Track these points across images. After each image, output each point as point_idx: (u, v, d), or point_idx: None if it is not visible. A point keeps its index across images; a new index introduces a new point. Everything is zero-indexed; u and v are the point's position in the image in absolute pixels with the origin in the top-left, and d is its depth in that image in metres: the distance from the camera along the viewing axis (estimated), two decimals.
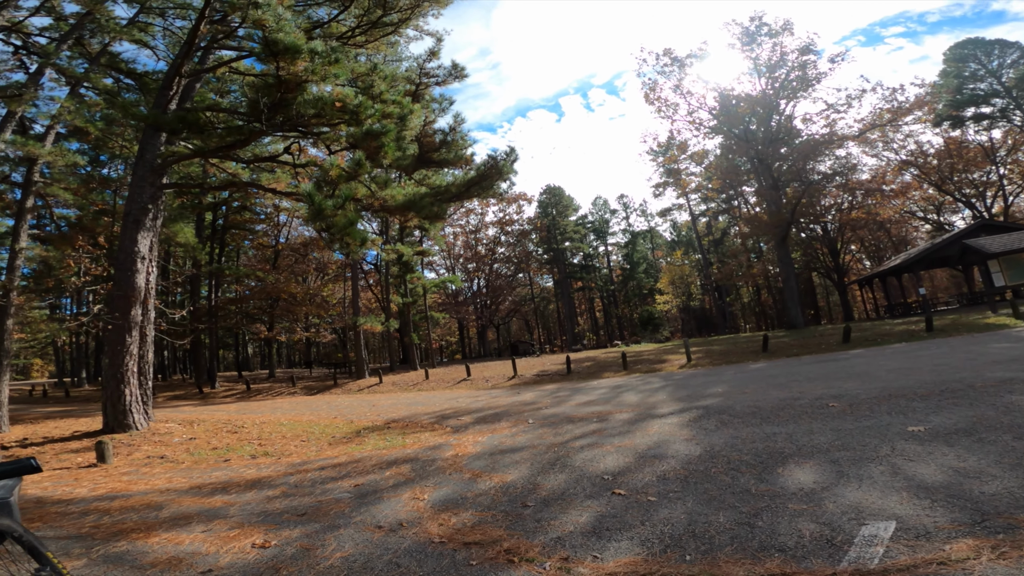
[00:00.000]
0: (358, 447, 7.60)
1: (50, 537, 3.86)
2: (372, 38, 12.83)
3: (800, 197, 31.01)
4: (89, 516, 4.47)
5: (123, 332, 10.16)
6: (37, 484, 6.02)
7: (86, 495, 5.35)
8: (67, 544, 3.69)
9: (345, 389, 22.68)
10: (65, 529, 4.07)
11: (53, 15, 12.32)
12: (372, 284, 39.17)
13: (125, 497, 5.13)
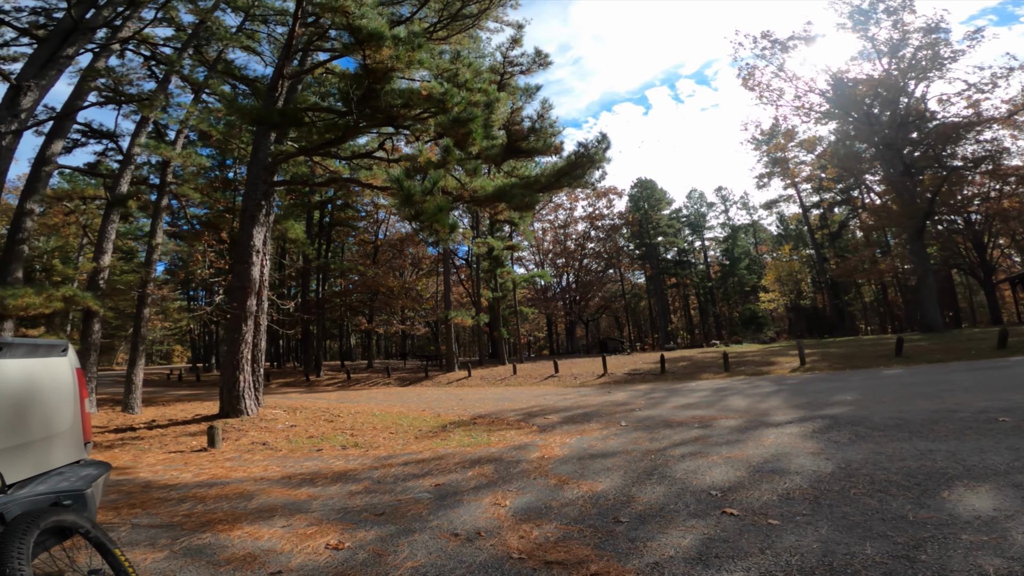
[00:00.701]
0: (443, 443, 7.44)
1: (143, 525, 3.96)
2: (453, 31, 12.79)
3: (940, 185, 26.93)
4: (185, 504, 4.59)
5: (239, 321, 10.83)
6: (151, 468, 6.43)
7: (189, 480, 5.59)
8: (156, 534, 3.75)
9: (435, 381, 23.21)
10: (159, 517, 4.19)
11: (173, 25, 13.70)
12: (464, 279, 39.97)
13: (223, 484, 5.29)
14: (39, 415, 2.54)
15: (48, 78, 8.80)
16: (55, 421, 2.65)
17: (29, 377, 2.51)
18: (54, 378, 2.71)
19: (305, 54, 12.60)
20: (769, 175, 40.84)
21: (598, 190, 49.67)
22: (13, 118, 8.38)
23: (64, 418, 2.73)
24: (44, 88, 8.84)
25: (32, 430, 2.47)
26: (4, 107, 8.37)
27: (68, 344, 2.91)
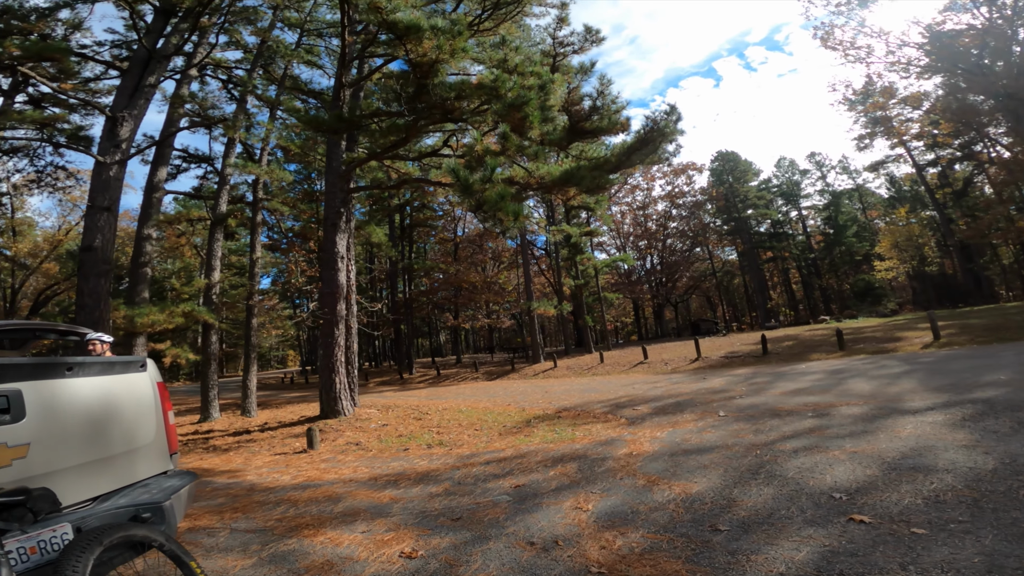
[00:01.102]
0: (526, 439, 7.19)
1: (240, 530, 4.05)
2: (498, 21, 12.43)
3: None
4: (279, 507, 4.68)
5: (331, 326, 11.28)
6: (257, 471, 6.75)
7: (287, 483, 5.76)
8: (249, 539, 3.80)
9: (521, 374, 23.16)
10: (256, 521, 4.28)
11: (240, 48, 14.67)
12: (544, 269, 39.71)
13: (315, 487, 5.38)
14: (119, 430, 2.58)
15: (139, 107, 9.65)
16: (137, 435, 2.70)
17: (106, 394, 2.55)
18: (134, 393, 2.75)
19: (361, 62, 12.88)
20: (870, 135, 36.75)
21: (675, 167, 47.20)
22: (115, 148, 9.27)
23: (146, 431, 2.77)
24: (137, 118, 9.70)
25: (113, 444, 2.51)
26: (105, 139, 9.28)
27: (147, 359, 2.98)
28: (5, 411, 2.05)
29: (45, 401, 2.22)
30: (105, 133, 9.42)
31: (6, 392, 2.08)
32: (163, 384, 3.04)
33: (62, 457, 2.23)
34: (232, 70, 15.50)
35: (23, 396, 2.12)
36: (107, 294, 11.00)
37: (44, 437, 2.16)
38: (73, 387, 2.38)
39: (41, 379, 2.24)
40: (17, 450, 2.03)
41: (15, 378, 2.14)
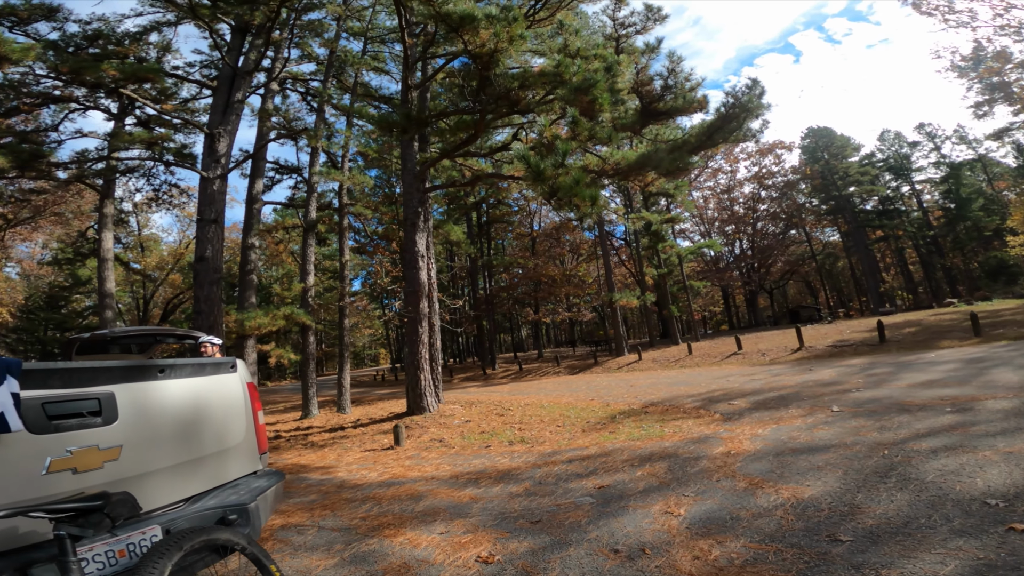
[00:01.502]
0: (610, 436, 6.83)
1: (327, 528, 4.10)
2: (552, 10, 11.99)
3: None
4: (364, 505, 4.72)
5: (415, 323, 11.54)
6: (347, 467, 6.94)
7: (374, 480, 5.84)
8: (334, 538, 3.83)
9: (604, 367, 22.56)
10: (342, 519, 4.33)
11: (313, 60, 15.47)
12: (624, 260, 38.55)
13: (399, 484, 5.42)
14: (210, 431, 2.60)
15: (231, 123, 10.40)
16: (227, 435, 2.72)
17: (197, 395, 2.58)
18: (224, 394, 2.77)
19: (424, 64, 13.02)
20: (989, 103, 32.17)
21: (760, 147, 43.92)
22: (215, 163, 10.06)
23: (236, 432, 2.79)
24: (231, 133, 10.46)
25: (203, 446, 2.54)
26: (206, 155, 10.10)
27: (237, 360, 3.00)
28: (97, 413, 2.06)
29: (138, 403, 2.24)
30: (205, 149, 10.25)
31: (98, 395, 2.09)
32: (253, 384, 3.05)
33: (154, 459, 2.24)
34: (308, 82, 16.47)
35: (116, 399, 2.14)
36: (219, 300, 12.00)
37: (136, 439, 2.17)
38: (165, 389, 2.41)
39: (134, 381, 2.27)
40: (109, 452, 2.04)
41: (108, 381, 2.16)
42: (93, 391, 2.07)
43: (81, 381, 2.05)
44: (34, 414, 1.84)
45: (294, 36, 14.53)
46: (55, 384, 1.96)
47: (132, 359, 4.10)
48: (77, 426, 1.96)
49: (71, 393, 1.99)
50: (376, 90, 16.01)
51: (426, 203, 12.89)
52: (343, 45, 15.69)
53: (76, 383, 2.03)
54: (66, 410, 1.95)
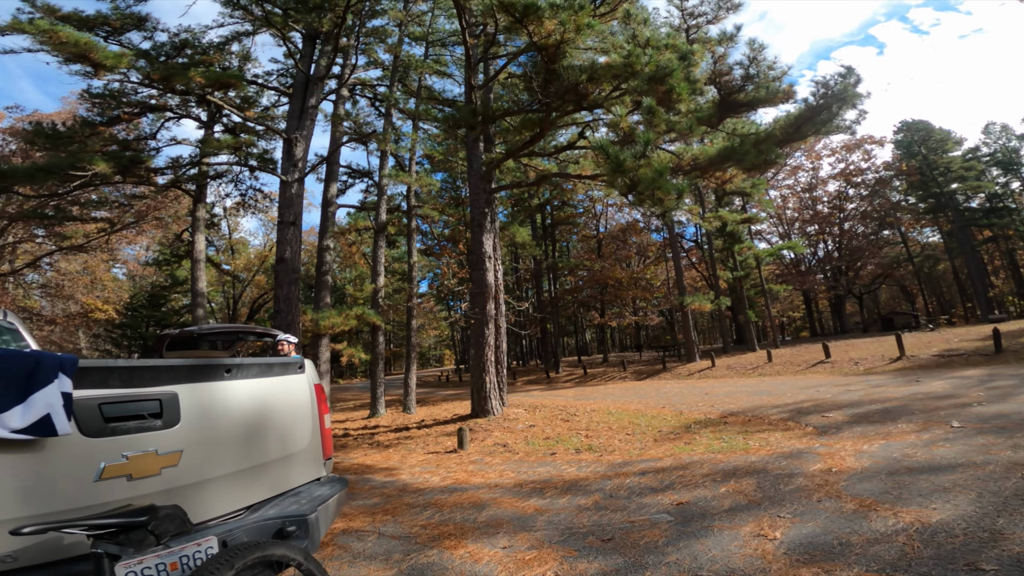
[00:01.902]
0: (687, 447, 6.33)
1: (387, 535, 3.97)
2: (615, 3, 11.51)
3: None
4: (425, 512, 4.58)
5: (482, 325, 11.46)
6: (410, 469, 6.87)
7: (436, 485, 5.70)
8: (393, 547, 3.69)
9: (674, 373, 21.56)
10: (402, 526, 4.19)
11: (380, 66, 15.93)
12: (695, 262, 36.94)
13: (461, 491, 5.24)
14: (275, 435, 2.46)
15: (306, 128, 10.80)
16: (292, 440, 2.57)
17: (263, 396, 2.45)
18: (291, 396, 2.63)
19: (486, 65, 12.96)
20: None
21: (847, 142, 40.53)
22: (293, 167, 10.47)
23: (302, 436, 2.64)
24: (307, 138, 10.87)
25: (267, 451, 2.40)
26: (285, 159, 10.54)
27: (304, 360, 2.87)
28: (157, 415, 1.93)
29: (201, 405, 2.11)
30: (284, 154, 10.72)
31: (159, 396, 1.96)
32: (321, 386, 2.90)
33: (215, 465, 2.11)
34: (375, 88, 17.03)
35: (179, 400, 2.01)
36: (297, 300, 12.52)
37: (198, 444, 2.04)
38: (230, 390, 2.28)
39: (199, 381, 2.14)
40: (168, 458, 1.91)
41: (172, 380, 2.03)
42: (155, 391, 1.95)
43: (143, 380, 1.92)
44: (89, 415, 1.73)
45: (360, 43, 15.03)
46: (114, 383, 1.84)
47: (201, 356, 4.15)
48: (135, 429, 1.84)
49: (131, 393, 1.87)
50: (439, 93, 16.31)
51: (492, 204, 12.82)
52: (406, 50, 16.09)
53: (137, 383, 1.90)
54: (125, 411, 1.83)
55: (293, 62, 11.55)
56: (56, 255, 22.90)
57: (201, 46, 12.23)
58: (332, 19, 9.96)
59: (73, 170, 8.18)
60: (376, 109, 16.96)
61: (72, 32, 6.73)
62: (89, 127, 9.76)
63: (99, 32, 9.25)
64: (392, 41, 16.24)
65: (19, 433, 1.50)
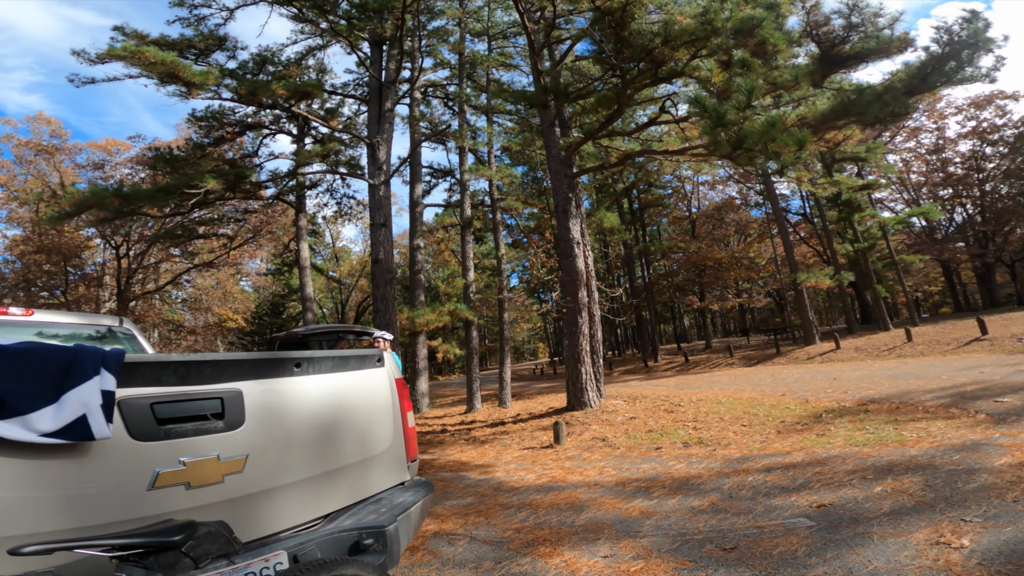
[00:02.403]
0: (821, 439, 5.46)
1: (479, 539, 3.70)
2: None
3: None
4: (520, 513, 4.25)
5: (574, 314, 11.05)
6: (505, 466, 6.59)
7: (531, 483, 5.37)
8: (484, 553, 3.41)
9: (790, 357, 19.55)
10: (495, 529, 3.90)
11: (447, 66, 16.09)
12: (806, 237, 33.56)
13: (558, 490, 4.86)
14: (352, 436, 2.23)
15: (386, 131, 11.02)
16: (372, 441, 2.34)
17: (339, 394, 2.24)
18: (369, 392, 2.41)
19: (550, 50, 12.44)
20: None
21: (975, 99, 34.57)
22: (378, 171, 10.72)
23: (383, 436, 2.41)
24: (388, 141, 11.09)
25: (344, 454, 2.17)
26: (370, 163, 10.82)
27: (384, 353, 2.62)
28: (219, 416, 1.73)
29: (269, 403, 1.90)
30: (368, 159, 11.03)
31: (222, 394, 1.76)
32: (402, 381, 2.66)
33: (284, 471, 1.89)
34: (446, 87, 17.33)
35: (243, 398, 1.81)
36: (393, 299, 12.90)
37: (265, 447, 1.84)
38: (301, 386, 2.06)
39: (266, 377, 1.94)
40: (232, 463, 1.71)
41: (235, 376, 1.82)
42: (216, 389, 1.75)
43: (202, 377, 1.73)
44: (140, 416, 1.54)
45: (423, 45, 15.37)
46: (169, 380, 1.66)
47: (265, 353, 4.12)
48: (193, 432, 1.65)
49: (188, 391, 1.68)
50: (508, 85, 16.12)
51: (575, 188, 12.34)
52: (469, 47, 16.06)
53: (196, 379, 1.71)
54: (181, 412, 1.64)
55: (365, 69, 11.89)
56: (192, 272, 25.87)
57: (280, 62, 13.06)
58: (393, 22, 10.05)
59: (188, 189, 8.96)
60: (449, 108, 17.18)
61: (157, 51, 7.31)
62: (199, 149, 10.73)
63: (188, 55, 10.07)
64: (454, 39, 16.32)
65: (50, 437, 1.32)
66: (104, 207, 8.67)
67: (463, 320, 16.10)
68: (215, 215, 17.39)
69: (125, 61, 7.60)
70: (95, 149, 22.88)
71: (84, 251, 23.31)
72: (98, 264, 23.93)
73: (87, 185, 19.25)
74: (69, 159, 22.44)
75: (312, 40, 14.75)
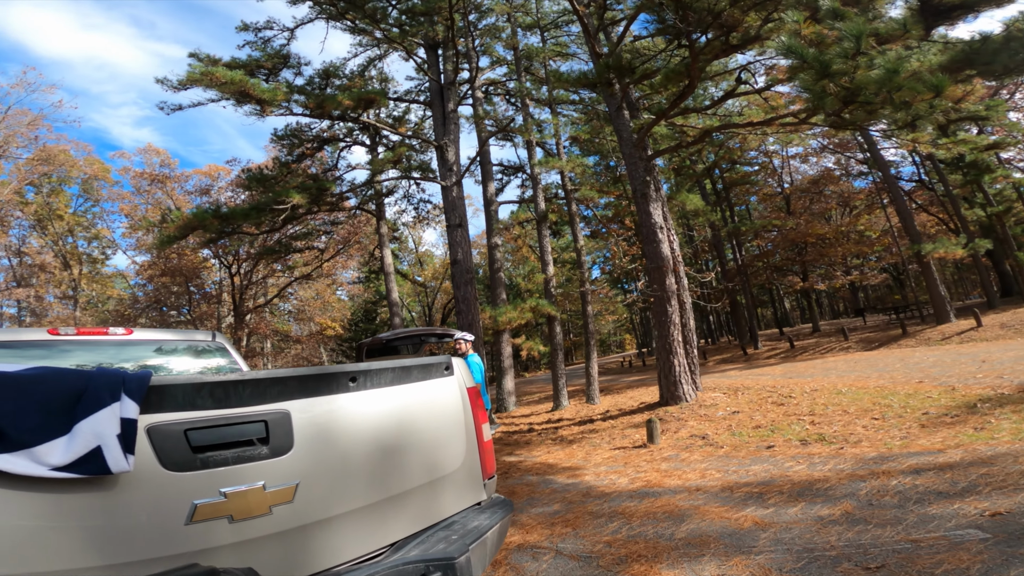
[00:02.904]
0: (981, 434, 4.55)
1: (565, 554, 3.36)
2: None
3: None
4: (612, 524, 3.86)
5: (663, 303, 10.43)
6: (595, 468, 6.20)
7: (623, 488, 4.94)
8: (570, 570, 3.08)
9: (920, 339, 17.19)
10: (584, 542, 3.55)
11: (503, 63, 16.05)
12: (924, 204, 29.64)
13: (654, 496, 4.42)
14: (419, 455, 2.02)
15: (452, 132, 11.01)
16: (442, 459, 2.12)
17: (401, 409, 2.02)
18: (437, 405, 2.18)
19: (606, 33, 11.80)
20: None
21: None
22: (449, 172, 10.75)
23: (454, 454, 2.18)
24: (455, 142, 11.08)
25: (410, 476, 1.96)
26: (440, 165, 10.87)
27: (452, 360, 2.36)
28: (264, 440, 1.57)
29: (321, 424, 1.73)
30: (438, 161, 11.10)
31: (266, 416, 1.60)
32: (475, 390, 2.42)
33: (342, 498, 1.71)
34: (505, 84, 17.18)
35: (291, 419, 1.65)
36: (475, 299, 12.93)
37: (318, 473, 1.67)
38: (358, 403, 1.88)
39: (317, 395, 1.76)
40: (280, 493, 1.55)
41: (281, 396, 1.65)
42: (259, 411, 1.59)
43: (242, 399, 1.58)
44: (172, 445, 1.40)
45: (477, 44, 15.44)
46: (205, 404, 1.51)
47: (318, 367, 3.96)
48: (234, 459, 1.49)
49: (226, 415, 1.53)
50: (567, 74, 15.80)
51: (652, 171, 11.64)
52: (522, 42, 15.93)
53: (235, 401, 1.57)
54: (220, 438, 1.50)
55: (424, 73, 12.02)
56: (294, 284, 27.91)
57: (344, 75, 13.73)
58: (443, 23, 9.99)
59: (276, 205, 9.51)
60: (512, 104, 17.19)
61: (225, 71, 7.76)
62: (285, 167, 11.39)
63: (258, 75, 10.71)
64: (506, 35, 16.21)
65: (62, 471, 1.20)
66: (207, 228, 9.42)
67: (545, 316, 15.82)
68: (306, 229, 18.55)
69: (200, 84, 8.17)
70: (200, 176, 25.32)
71: (203, 271, 25.93)
72: (216, 283, 26.50)
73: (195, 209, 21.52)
74: (180, 187, 25.01)
75: (370, 51, 15.44)
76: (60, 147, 23.28)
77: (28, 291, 23.53)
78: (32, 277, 25.36)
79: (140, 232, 24.54)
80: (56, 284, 26.70)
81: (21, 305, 22.90)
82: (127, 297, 28.82)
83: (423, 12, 10.05)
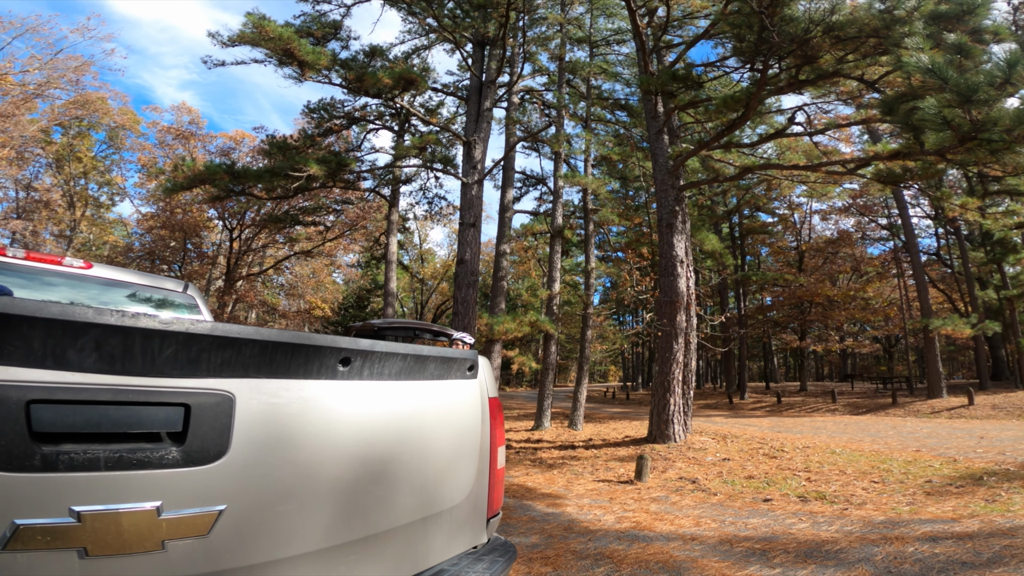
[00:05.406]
0: (993, 506, 4.35)
1: None
2: None
3: None
4: (599, 569, 3.53)
5: (670, 339, 10.21)
6: (577, 500, 5.90)
7: (609, 526, 4.64)
8: None
9: (909, 410, 17.07)
10: None
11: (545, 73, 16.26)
12: (935, 279, 29.82)
13: (645, 541, 4.13)
14: (414, 482, 1.47)
15: (483, 130, 10.92)
16: (445, 488, 1.58)
17: (405, 414, 1.48)
18: (451, 415, 1.64)
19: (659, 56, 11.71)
20: None
21: None
22: (472, 170, 10.61)
23: (460, 484, 1.63)
24: (484, 140, 10.98)
25: (396, 510, 1.40)
26: (465, 162, 10.74)
27: (477, 358, 1.79)
28: (178, 436, 0.99)
29: (281, 421, 1.14)
30: (464, 157, 10.98)
31: (190, 397, 1.01)
32: (497, 401, 1.86)
33: (289, 538, 1.13)
34: (543, 94, 17.23)
35: (233, 408, 1.06)
36: (475, 303, 12.68)
37: (260, 496, 1.09)
38: (346, 397, 1.30)
39: (283, 377, 1.16)
40: (187, 522, 0.97)
41: (223, 369, 1.05)
42: (180, 386, 0.99)
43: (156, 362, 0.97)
44: (7, 427, 0.82)
45: (524, 50, 15.55)
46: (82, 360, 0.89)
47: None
48: (110, 462, 0.90)
49: (119, 385, 0.93)
50: (610, 93, 15.80)
51: (682, 202, 11.49)
52: (569, 55, 16.04)
53: (142, 363, 0.96)
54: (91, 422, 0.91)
55: (466, 70, 11.99)
56: (292, 259, 27.62)
57: (388, 58, 13.72)
58: (497, 20, 9.93)
59: (292, 171, 9.32)
60: (546, 116, 17.29)
61: (276, 27, 7.76)
62: (309, 140, 11.26)
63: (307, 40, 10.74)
64: (554, 45, 16.26)
65: None
66: (216, 183, 9.21)
67: (543, 333, 15.55)
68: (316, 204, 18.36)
69: (249, 41, 8.09)
70: (226, 139, 25.19)
71: (204, 230, 25.62)
72: (215, 245, 26.19)
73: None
74: (203, 146, 24.82)
75: (418, 40, 15.65)
76: (99, 94, 23.10)
77: (26, 224, 23.12)
78: (34, 212, 24.99)
79: (152, 184, 24.27)
80: (56, 222, 26.31)
81: (15, 236, 22.45)
82: (122, 245, 28.44)
83: (480, 5, 10.00)
